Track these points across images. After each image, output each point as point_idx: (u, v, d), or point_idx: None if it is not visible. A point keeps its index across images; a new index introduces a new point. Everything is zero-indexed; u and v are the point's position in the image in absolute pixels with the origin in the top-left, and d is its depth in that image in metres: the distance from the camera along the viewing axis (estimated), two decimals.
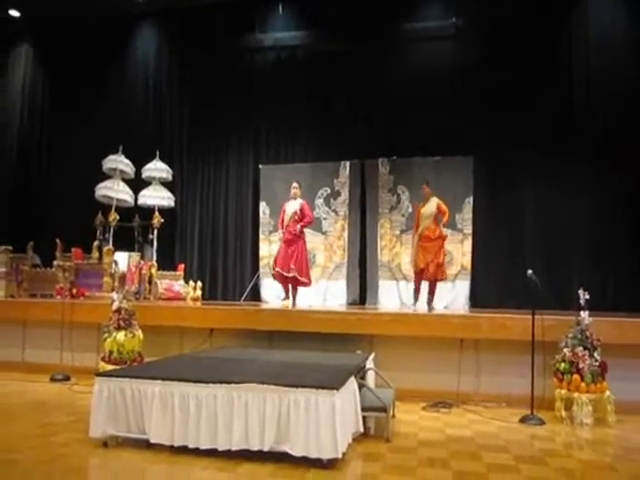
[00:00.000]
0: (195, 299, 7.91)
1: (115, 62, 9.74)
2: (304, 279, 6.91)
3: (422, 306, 6.78)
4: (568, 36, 8.10)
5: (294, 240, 6.86)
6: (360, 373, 4.28)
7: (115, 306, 5.50)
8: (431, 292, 6.78)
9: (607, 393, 4.56)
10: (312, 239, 8.25)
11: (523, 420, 4.54)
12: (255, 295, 8.65)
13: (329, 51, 8.85)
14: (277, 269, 6.84)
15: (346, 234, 8.64)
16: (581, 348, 4.61)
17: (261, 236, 8.98)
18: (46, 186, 9.57)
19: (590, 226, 7.70)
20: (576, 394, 4.52)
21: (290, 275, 6.78)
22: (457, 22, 8.44)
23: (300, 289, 7.09)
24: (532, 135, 7.90)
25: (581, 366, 4.54)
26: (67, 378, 5.90)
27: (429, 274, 6.65)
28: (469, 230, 8.12)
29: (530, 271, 4.83)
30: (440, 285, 7.16)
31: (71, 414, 4.49)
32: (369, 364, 4.70)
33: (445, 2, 8.56)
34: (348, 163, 8.72)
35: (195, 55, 9.43)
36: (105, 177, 8.65)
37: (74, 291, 6.93)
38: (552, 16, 8.05)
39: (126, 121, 9.35)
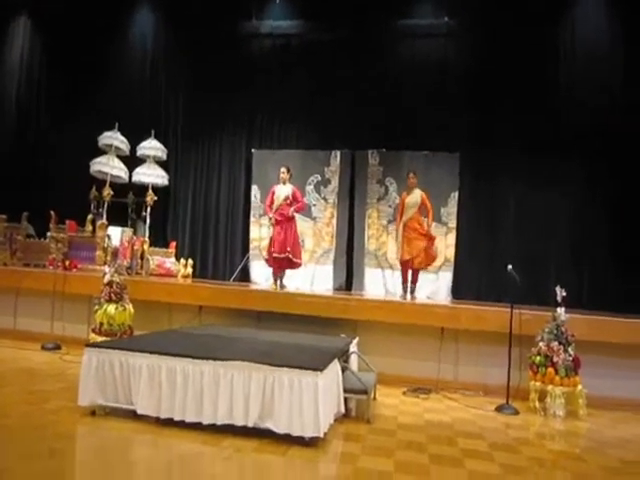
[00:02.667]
0: (186, 276, 7.85)
1: (113, 38, 9.47)
2: (297, 260, 6.87)
3: (407, 295, 6.77)
4: (555, 39, 8.09)
5: (285, 222, 6.80)
6: (344, 356, 4.27)
7: (107, 279, 5.43)
8: (414, 280, 6.78)
9: (579, 387, 4.61)
10: (301, 224, 8.17)
11: (498, 409, 4.58)
12: (244, 276, 8.56)
13: (323, 41, 8.74)
14: (274, 254, 6.74)
15: (335, 221, 8.60)
16: (556, 343, 4.65)
17: (252, 219, 8.89)
18: (42, 158, 9.34)
19: (570, 225, 7.75)
20: (550, 387, 4.56)
21: (283, 256, 6.71)
22: (449, 22, 8.41)
23: (288, 272, 7.05)
24: (517, 135, 7.90)
25: (555, 360, 4.58)
26: (58, 347, 5.82)
27: (414, 265, 6.65)
28: (453, 224, 8.13)
29: (510, 266, 4.85)
30: (423, 275, 7.18)
31: (61, 382, 4.44)
32: (353, 348, 4.69)
33: (438, 2, 8.50)
34: (339, 152, 8.65)
35: (192, 38, 9.22)
36: (100, 153, 8.48)
37: (67, 263, 6.80)
38: (540, 19, 8.00)
39: (123, 98, 9.12)
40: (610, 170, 7.54)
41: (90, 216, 8.02)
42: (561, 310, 4.79)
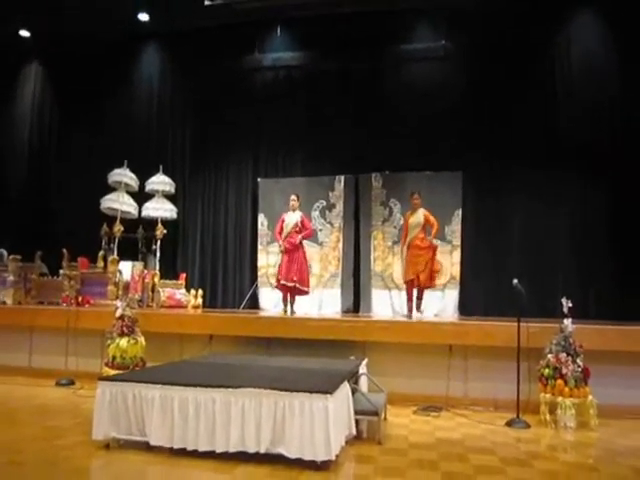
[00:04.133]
0: (196, 307, 7.89)
1: (121, 80, 9.75)
2: (305, 288, 6.91)
3: (413, 314, 6.76)
4: (552, 57, 8.17)
5: (294, 250, 6.86)
6: (353, 378, 4.28)
7: (119, 313, 5.49)
8: (419, 297, 6.78)
9: (590, 397, 4.56)
10: (308, 250, 8.18)
11: (509, 423, 4.54)
12: (254, 303, 8.61)
13: (324, 70, 8.92)
14: (282, 282, 6.80)
15: (341, 245, 8.64)
16: (564, 354, 4.62)
17: (259, 247, 8.96)
18: (54, 198, 9.56)
19: (574, 238, 7.71)
20: (560, 398, 4.52)
21: (291, 285, 6.76)
22: (446, 44, 8.51)
23: (297, 297, 7.09)
24: (518, 151, 7.94)
25: (564, 371, 4.55)
26: (72, 382, 5.87)
27: (419, 283, 6.65)
28: (458, 242, 8.13)
29: (516, 280, 4.85)
30: (430, 294, 7.17)
31: (75, 417, 4.47)
32: (362, 369, 4.69)
33: (434, 26, 8.62)
34: (343, 177, 8.73)
35: (197, 74, 9.46)
36: (110, 190, 8.66)
37: (79, 299, 6.91)
38: (536, 38, 8.11)
39: (131, 137, 9.35)
40: (613, 183, 7.54)
41: (101, 252, 8.15)
42: (568, 321, 4.76)
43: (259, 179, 9.19)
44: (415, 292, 6.78)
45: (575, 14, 8.19)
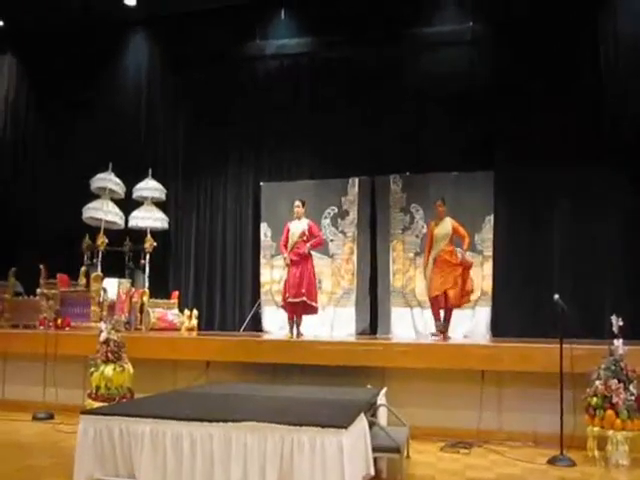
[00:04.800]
0: (190, 329, 7.93)
1: (105, 73, 9.89)
2: (313, 303, 6.90)
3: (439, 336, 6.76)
4: (594, 39, 8.14)
5: (301, 261, 6.88)
6: (371, 410, 4.26)
7: (103, 337, 5.52)
8: (446, 319, 6.77)
9: None
10: (318, 262, 8.22)
11: (552, 461, 4.49)
12: (256, 325, 8.65)
13: (335, 59, 8.97)
14: (289, 299, 6.81)
15: (355, 257, 8.67)
16: (615, 381, 4.56)
17: (262, 260, 9.01)
18: (29, 207, 9.66)
19: (623, 247, 7.67)
20: (610, 432, 4.47)
21: (298, 300, 6.77)
22: (474, 27, 8.51)
23: (305, 317, 7.10)
24: (558, 148, 7.90)
25: (615, 400, 4.50)
26: (50, 416, 5.90)
27: (447, 301, 6.63)
28: (489, 252, 8.12)
29: (557, 296, 4.82)
30: (458, 312, 7.15)
31: (54, 456, 4.48)
32: (380, 400, 4.68)
33: (460, 6, 8.65)
34: (357, 180, 8.77)
35: (191, 64, 9.58)
36: (93, 197, 8.75)
37: (59, 321, 6.97)
38: (575, 14, 8.09)
39: (116, 137, 9.46)
40: None
41: (83, 268, 8.24)
42: (618, 342, 4.72)
43: (262, 183, 9.25)
44: (442, 313, 6.76)
45: None
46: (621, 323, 4.75)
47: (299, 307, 6.85)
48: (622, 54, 8.01)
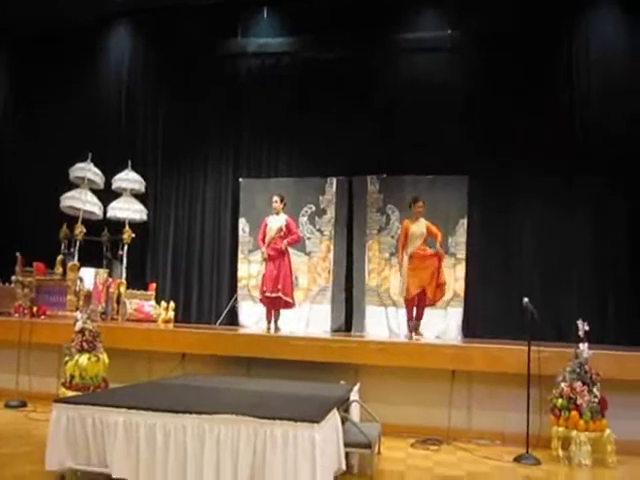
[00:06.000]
0: (167, 321, 7.85)
1: (86, 64, 9.69)
2: (289, 299, 6.90)
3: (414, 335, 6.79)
4: (568, 50, 8.28)
5: (278, 256, 6.87)
6: (344, 405, 4.26)
7: (78, 326, 5.44)
8: (418, 317, 6.81)
9: (607, 432, 4.59)
10: (295, 259, 8.20)
11: (518, 459, 4.55)
12: (232, 319, 8.58)
13: (317, 59, 8.94)
14: (267, 294, 6.80)
15: (331, 255, 8.66)
16: (580, 383, 4.64)
17: (240, 255, 8.94)
18: (7, 194, 9.46)
19: (591, 252, 7.79)
20: (574, 432, 4.54)
21: (274, 296, 6.75)
22: (453, 34, 8.56)
23: (282, 312, 7.08)
24: (532, 153, 8.00)
25: (579, 402, 4.57)
26: (23, 404, 5.78)
27: (426, 299, 6.67)
28: (462, 254, 8.17)
29: (526, 299, 4.88)
30: (431, 312, 7.20)
31: (26, 444, 4.40)
32: (353, 396, 4.68)
33: (440, 13, 8.69)
34: (335, 179, 8.76)
35: (172, 60, 9.45)
36: (72, 187, 8.60)
37: (34, 309, 6.83)
38: (551, 29, 8.21)
39: (97, 127, 9.30)
40: (635, 189, 7.64)
41: (60, 257, 8.07)
42: (584, 346, 4.79)
43: (241, 179, 9.19)
44: (414, 311, 6.80)
45: (596, 3, 8.31)
46: (587, 328, 4.84)
47: (276, 302, 6.85)
48: (592, 67, 8.14)
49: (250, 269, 8.77)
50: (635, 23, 8.08)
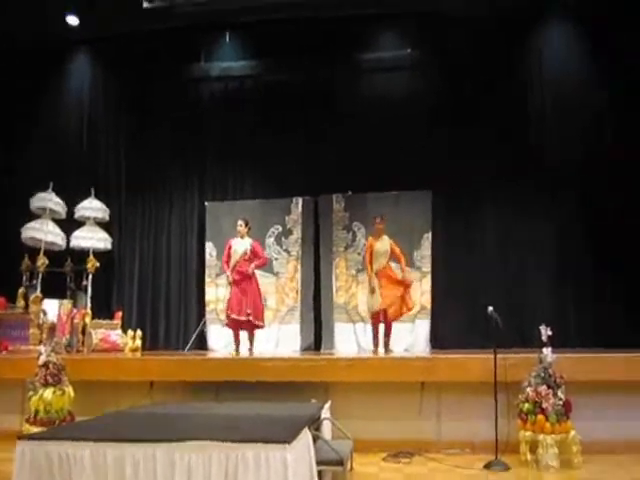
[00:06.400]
0: (134, 350, 7.71)
1: (47, 91, 9.59)
2: (260, 322, 6.89)
3: (381, 350, 6.83)
4: (524, 68, 8.58)
5: (243, 280, 6.84)
6: (315, 424, 4.25)
7: (42, 360, 5.30)
8: (387, 334, 6.86)
9: (572, 433, 4.66)
10: (263, 281, 8.14)
11: (488, 466, 4.59)
12: (201, 344, 8.49)
13: (280, 82, 9.05)
14: (232, 316, 6.76)
15: (299, 275, 8.67)
16: (544, 387, 4.72)
17: (207, 279, 8.88)
18: None
19: (552, 260, 8.03)
20: (541, 436, 4.61)
21: (244, 319, 6.72)
22: (412, 53, 8.78)
23: (252, 334, 7.05)
24: (492, 167, 8.26)
25: (545, 406, 4.65)
26: None
27: (388, 317, 6.73)
28: (428, 268, 8.29)
29: (491, 308, 4.96)
30: (399, 326, 7.27)
31: None
32: (325, 413, 4.66)
33: (400, 33, 8.89)
34: (300, 199, 8.81)
35: (134, 85, 9.43)
36: (33, 217, 8.45)
37: None
38: (507, 46, 8.51)
39: (57, 155, 9.19)
40: (593, 200, 7.90)
41: (22, 289, 7.90)
42: (547, 350, 4.88)
43: (206, 203, 9.17)
44: (382, 328, 6.85)
45: (550, 22, 8.65)
46: (550, 332, 4.94)
47: (244, 324, 6.81)
48: (549, 82, 8.46)
49: (218, 293, 8.70)
50: (586, 38, 8.41)
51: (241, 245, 7.00)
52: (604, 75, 8.19)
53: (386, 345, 6.82)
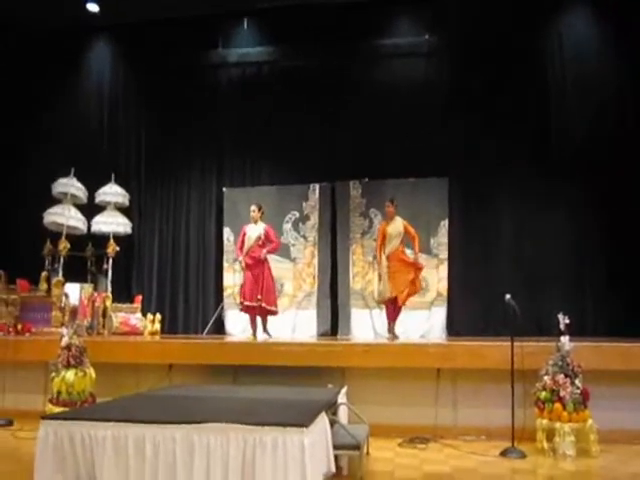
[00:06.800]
0: (153, 333, 7.80)
1: (67, 78, 9.65)
2: (272, 308, 6.91)
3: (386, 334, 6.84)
4: (543, 53, 8.42)
5: (257, 265, 6.85)
6: (332, 408, 4.27)
7: (64, 342, 5.38)
8: (394, 318, 6.83)
9: (589, 422, 4.64)
10: (279, 266, 8.24)
11: (503, 453, 4.59)
12: (219, 328, 8.54)
13: (297, 67, 8.99)
14: (245, 303, 6.79)
15: (316, 261, 8.66)
16: (562, 375, 4.69)
17: (225, 264, 8.92)
18: None
19: (569, 248, 7.91)
20: (558, 424, 4.59)
21: (256, 305, 6.75)
22: (430, 39, 8.66)
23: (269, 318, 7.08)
24: (510, 155, 8.15)
25: (562, 394, 4.62)
26: (10, 423, 5.70)
27: (398, 303, 6.71)
28: (445, 255, 8.23)
29: (508, 296, 4.92)
30: (416, 313, 7.25)
31: (13, 463, 4.34)
32: (341, 398, 4.68)
33: (417, 19, 8.79)
34: (317, 186, 8.78)
35: (154, 71, 9.43)
36: (55, 202, 8.53)
37: (19, 327, 6.76)
38: (526, 33, 8.35)
39: (78, 141, 9.23)
40: (613, 189, 7.75)
41: (44, 273, 7.98)
42: (565, 339, 4.85)
43: (224, 189, 9.17)
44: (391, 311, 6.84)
45: (567, 6, 8.46)
46: (567, 321, 4.89)
47: (257, 310, 6.84)
48: (567, 66, 8.30)
49: (235, 278, 8.73)
50: (606, 21, 8.23)
51: (255, 231, 7.01)
52: (624, 59, 8.02)
53: (391, 329, 6.79)
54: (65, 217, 8.31)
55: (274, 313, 7.02)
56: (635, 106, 7.95)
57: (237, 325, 8.46)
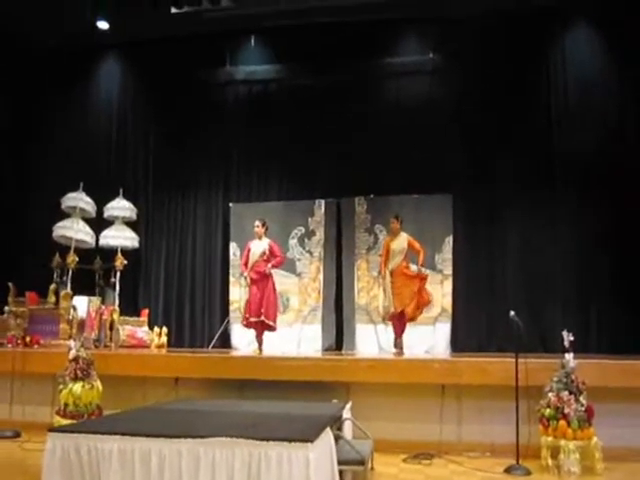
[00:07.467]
0: (160, 346, 7.80)
1: (77, 94, 9.77)
2: (270, 322, 6.89)
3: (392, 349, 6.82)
4: (547, 71, 8.50)
5: (261, 280, 6.87)
6: (336, 424, 4.26)
7: (72, 355, 5.39)
8: (400, 333, 6.82)
9: (594, 439, 4.59)
10: (285, 281, 8.27)
11: (508, 470, 4.54)
12: (225, 342, 8.55)
13: (303, 85, 9.10)
14: (252, 319, 6.80)
15: (321, 276, 8.68)
16: (566, 392, 4.66)
17: (231, 279, 8.94)
18: None
19: (573, 265, 7.90)
20: (563, 441, 4.55)
21: (258, 320, 6.77)
22: (434, 58, 8.75)
23: (272, 334, 7.07)
24: (513, 172, 8.20)
25: (567, 411, 4.59)
26: (17, 435, 5.68)
27: (405, 317, 6.70)
28: (449, 271, 8.24)
29: (512, 312, 4.91)
30: (420, 329, 7.23)
31: (21, 475, 4.33)
32: (346, 414, 4.67)
33: (423, 38, 8.89)
34: (323, 202, 8.83)
35: (162, 88, 9.55)
36: (64, 216, 8.59)
37: (27, 339, 6.77)
38: (530, 53, 8.45)
39: (87, 157, 9.33)
40: (616, 206, 7.77)
41: (53, 286, 8.03)
42: (569, 356, 4.82)
43: (231, 204, 9.23)
44: (396, 327, 6.83)
45: (570, 25, 8.55)
46: (572, 338, 4.88)
47: (259, 325, 6.85)
48: (570, 85, 8.37)
49: (241, 292, 8.68)
50: (605, 43, 8.30)
51: (259, 246, 7.02)
52: (629, 76, 8.07)
53: (398, 344, 6.77)
54: (74, 231, 8.37)
55: (272, 329, 6.99)
56: (631, 123, 7.99)
57: (243, 339, 8.45)
